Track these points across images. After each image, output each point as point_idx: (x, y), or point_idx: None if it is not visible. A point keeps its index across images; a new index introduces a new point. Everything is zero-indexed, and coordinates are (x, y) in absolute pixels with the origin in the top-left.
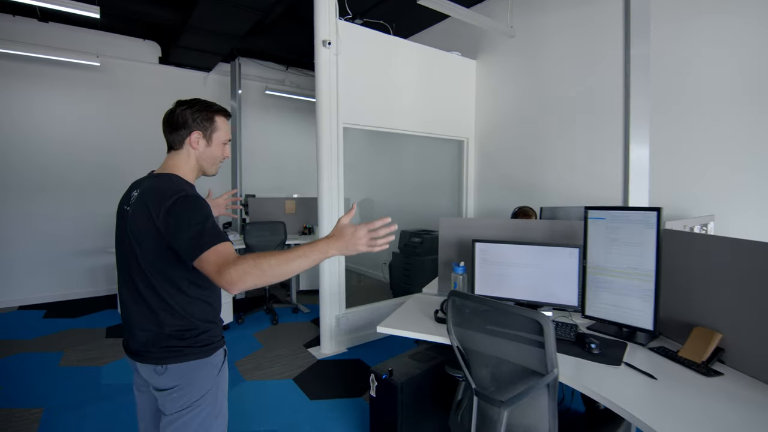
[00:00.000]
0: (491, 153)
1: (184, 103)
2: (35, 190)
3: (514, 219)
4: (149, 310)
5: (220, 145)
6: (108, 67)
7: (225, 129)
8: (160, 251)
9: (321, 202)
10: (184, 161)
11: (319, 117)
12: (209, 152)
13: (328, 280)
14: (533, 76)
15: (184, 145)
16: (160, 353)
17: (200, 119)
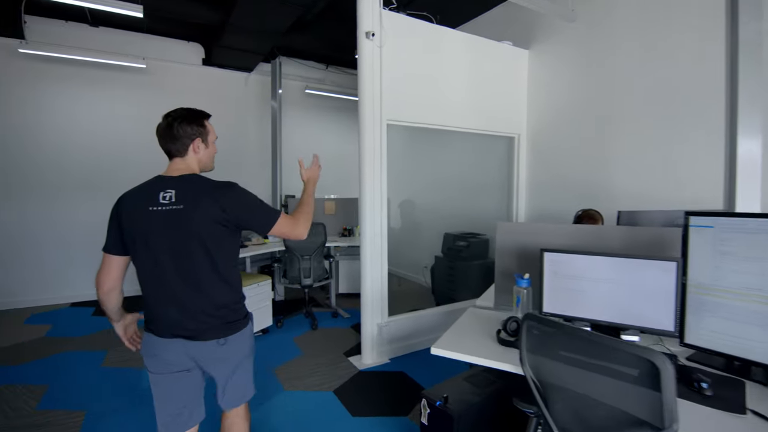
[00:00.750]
0: (545, 151)
1: (176, 117)
2: (87, 189)
3: (580, 224)
4: (206, 292)
5: (213, 144)
6: (153, 69)
7: (213, 129)
8: (225, 235)
9: (363, 203)
10: (193, 164)
11: (362, 113)
12: (208, 152)
13: (369, 287)
14: (596, 66)
15: (188, 151)
16: (221, 328)
17: (196, 127)
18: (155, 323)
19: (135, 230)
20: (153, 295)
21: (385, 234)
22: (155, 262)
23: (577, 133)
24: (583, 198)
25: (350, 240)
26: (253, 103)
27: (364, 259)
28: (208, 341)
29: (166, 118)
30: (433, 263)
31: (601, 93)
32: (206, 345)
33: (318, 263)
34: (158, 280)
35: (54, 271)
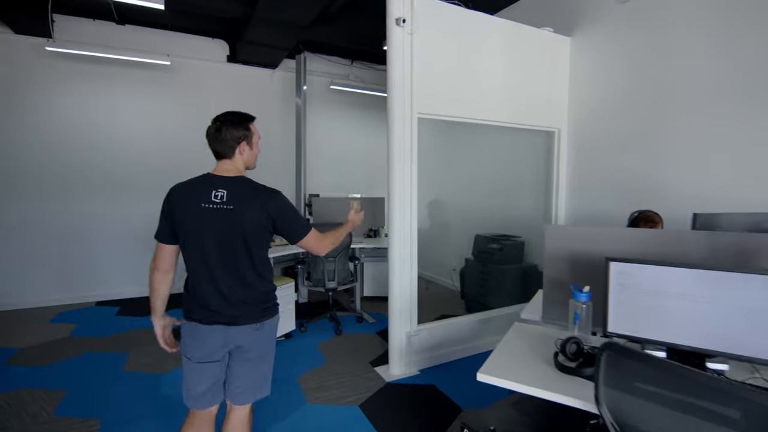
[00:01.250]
0: (588, 146)
1: (224, 121)
2: (112, 188)
3: (636, 227)
4: (246, 283)
5: (257, 145)
6: (178, 66)
7: (257, 131)
8: (264, 234)
9: (392, 202)
10: (239, 165)
11: (391, 106)
12: (252, 153)
13: (398, 293)
14: (651, 52)
15: (235, 153)
16: (258, 314)
17: (242, 130)
18: (199, 312)
19: (187, 224)
20: (199, 285)
21: (415, 236)
22: (204, 255)
23: (627, 126)
24: (634, 198)
25: (376, 241)
26: (278, 99)
27: (392, 263)
28: (245, 326)
29: (215, 122)
30: (463, 266)
31: (656, 82)
32: (243, 329)
33: (342, 265)
34: (206, 271)
35: (79, 269)
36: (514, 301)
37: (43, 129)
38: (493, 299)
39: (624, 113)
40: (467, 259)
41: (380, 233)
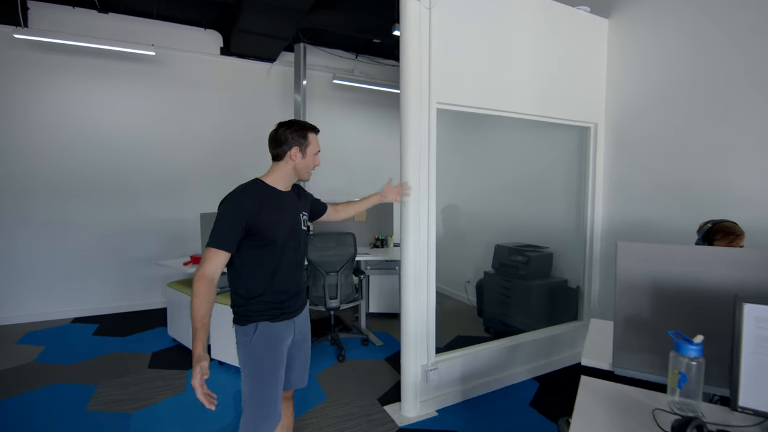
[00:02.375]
0: (631, 144)
1: (284, 125)
2: (94, 192)
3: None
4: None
5: (312, 156)
6: (166, 59)
7: (315, 143)
8: None
9: (405, 209)
10: (280, 170)
11: (405, 95)
12: (304, 163)
13: (413, 319)
14: (712, 31)
15: (285, 157)
16: None
17: (297, 137)
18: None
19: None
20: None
21: (433, 250)
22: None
23: (679, 121)
24: (691, 205)
25: (384, 252)
26: (276, 96)
27: (405, 283)
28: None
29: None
30: (481, 279)
31: (717, 68)
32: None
33: (346, 280)
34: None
35: (55, 282)
36: (542, 322)
37: (14, 127)
38: (517, 320)
39: (675, 107)
40: (486, 272)
41: (388, 242)
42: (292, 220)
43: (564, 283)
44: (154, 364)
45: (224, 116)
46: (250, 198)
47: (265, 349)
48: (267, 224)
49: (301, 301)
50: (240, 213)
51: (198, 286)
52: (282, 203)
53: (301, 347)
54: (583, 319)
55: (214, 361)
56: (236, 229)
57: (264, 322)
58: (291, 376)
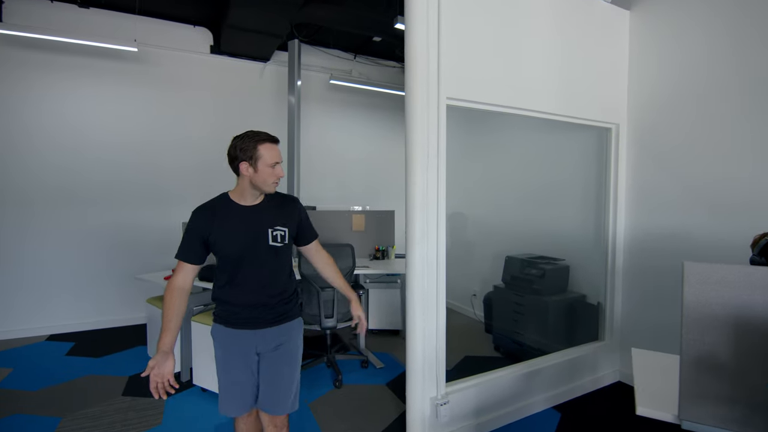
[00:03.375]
0: (658, 147)
1: (237, 137)
2: (72, 200)
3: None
4: None
5: (267, 168)
6: (152, 57)
7: (269, 154)
8: None
9: (411, 219)
10: (239, 184)
11: (411, 89)
12: (258, 177)
13: (420, 346)
14: (744, 23)
15: (240, 172)
16: None
17: (247, 150)
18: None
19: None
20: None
21: (443, 264)
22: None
23: (714, 122)
24: (730, 214)
25: (385, 264)
26: (270, 97)
27: (412, 301)
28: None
29: None
30: (489, 292)
31: (755, 64)
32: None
33: (343, 296)
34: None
35: (30, 297)
36: (559, 342)
37: None
38: (531, 338)
39: (706, 104)
40: (496, 286)
41: (389, 254)
42: (254, 234)
43: (582, 299)
44: (129, 390)
45: (214, 119)
46: (205, 212)
47: (217, 350)
48: (220, 238)
49: (272, 315)
50: (194, 227)
51: (165, 295)
52: (241, 217)
53: (270, 363)
54: (605, 339)
55: (195, 387)
56: (192, 242)
57: (219, 325)
58: (264, 398)
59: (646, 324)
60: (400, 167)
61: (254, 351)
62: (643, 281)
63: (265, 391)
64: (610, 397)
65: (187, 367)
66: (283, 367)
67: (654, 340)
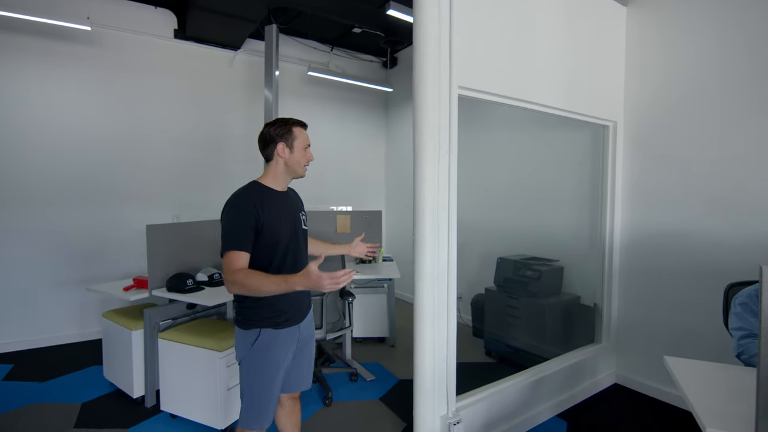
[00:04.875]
0: (656, 145)
1: (269, 124)
2: (10, 201)
3: None
4: None
5: (301, 150)
6: (107, 39)
7: (303, 136)
8: None
9: (421, 217)
10: (272, 169)
11: (422, 75)
12: (294, 158)
13: (431, 362)
14: (746, 19)
15: (274, 156)
16: None
17: (282, 132)
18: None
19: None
20: None
21: (454, 271)
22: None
23: (714, 120)
24: (733, 214)
25: (372, 268)
26: (241, 89)
27: (421, 314)
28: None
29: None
30: (479, 295)
31: (759, 62)
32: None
33: (332, 305)
34: None
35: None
36: (556, 345)
37: None
38: (526, 342)
39: (706, 102)
40: (487, 288)
41: (376, 257)
42: (293, 220)
43: (576, 301)
44: (83, 420)
45: (178, 112)
46: (252, 199)
47: (263, 357)
48: (270, 225)
49: (306, 305)
50: (247, 213)
51: (237, 279)
52: (281, 203)
53: (305, 349)
54: (602, 342)
55: (163, 414)
56: (247, 229)
57: (267, 329)
58: (295, 379)
59: (642, 325)
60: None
61: (295, 345)
62: (640, 281)
63: (297, 372)
64: (611, 400)
65: (153, 390)
66: (313, 347)
67: (652, 341)
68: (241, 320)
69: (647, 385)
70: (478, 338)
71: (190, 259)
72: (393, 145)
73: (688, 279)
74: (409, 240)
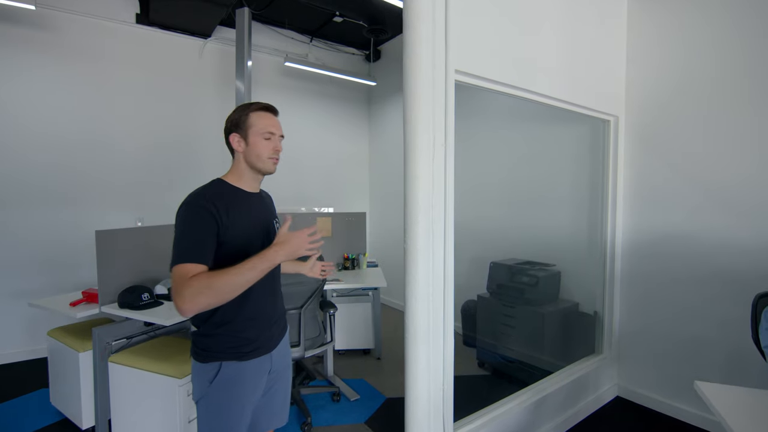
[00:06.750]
0: (661, 141)
1: None
2: None
3: None
4: None
5: (260, 140)
6: (58, 22)
7: (261, 122)
8: None
9: (413, 220)
10: (235, 165)
11: (412, 58)
12: (250, 151)
13: (426, 390)
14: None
15: (233, 149)
16: None
17: (236, 120)
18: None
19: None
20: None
21: (451, 282)
22: None
23: (722, 115)
24: (748, 215)
25: (355, 276)
26: (212, 81)
27: (413, 329)
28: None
29: None
30: (469, 302)
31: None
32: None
33: (311, 319)
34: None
35: None
36: (556, 357)
37: None
38: (524, 353)
39: (713, 96)
40: (480, 295)
41: (360, 263)
42: (267, 228)
43: (575, 308)
44: None
45: (141, 105)
46: (214, 199)
47: (226, 395)
48: (236, 233)
49: (279, 330)
50: (205, 216)
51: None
52: (252, 207)
53: (279, 381)
54: (603, 352)
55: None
56: (206, 237)
57: (230, 362)
58: (267, 417)
59: (646, 334)
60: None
61: (266, 377)
62: (643, 287)
63: (269, 409)
64: (615, 416)
65: (105, 421)
66: (289, 377)
67: (656, 351)
68: (198, 351)
69: (650, 398)
70: (470, 347)
71: (149, 270)
72: (377, 143)
73: (695, 285)
74: (396, 242)
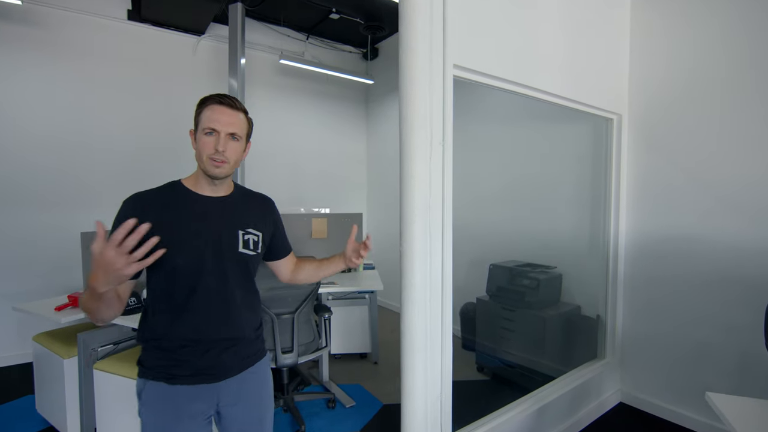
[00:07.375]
0: (667, 141)
1: None
2: None
3: None
4: None
5: (201, 135)
6: (48, 19)
7: (206, 116)
8: None
9: (409, 222)
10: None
11: (408, 52)
12: (197, 149)
13: (423, 404)
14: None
15: None
16: None
17: (195, 114)
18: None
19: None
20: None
21: (449, 288)
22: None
23: (740, 114)
24: (759, 216)
25: (351, 279)
26: (206, 80)
27: (410, 336)
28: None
29: None
30: (468, 304)
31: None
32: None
33: (305, 324)
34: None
35: None
36: (558, 362)
37: None
38: (525, 358)
39: (727, 94)
40: (479, 298)
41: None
42: (217, 234)
43: (577, 311)
44: None
45: (133, 104)
46: (141, 201)
47: (152, 419)
48: (165, 239)
49: (240, 356)
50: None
51: None
52: (199, 210)
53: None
54: (606, 357)
55: None
56: None
57: (157, 382)
58: None
59: (650, 339)
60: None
61: (212, 411)
62: (647, 290)
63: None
64: (618, 423)
65: (90, 429)
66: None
67: (660, 356)
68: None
69: (654, 404)
70: (469, 350)
71: None
72: (374, 142)
73: (701, 288)
74: (393, 244)
